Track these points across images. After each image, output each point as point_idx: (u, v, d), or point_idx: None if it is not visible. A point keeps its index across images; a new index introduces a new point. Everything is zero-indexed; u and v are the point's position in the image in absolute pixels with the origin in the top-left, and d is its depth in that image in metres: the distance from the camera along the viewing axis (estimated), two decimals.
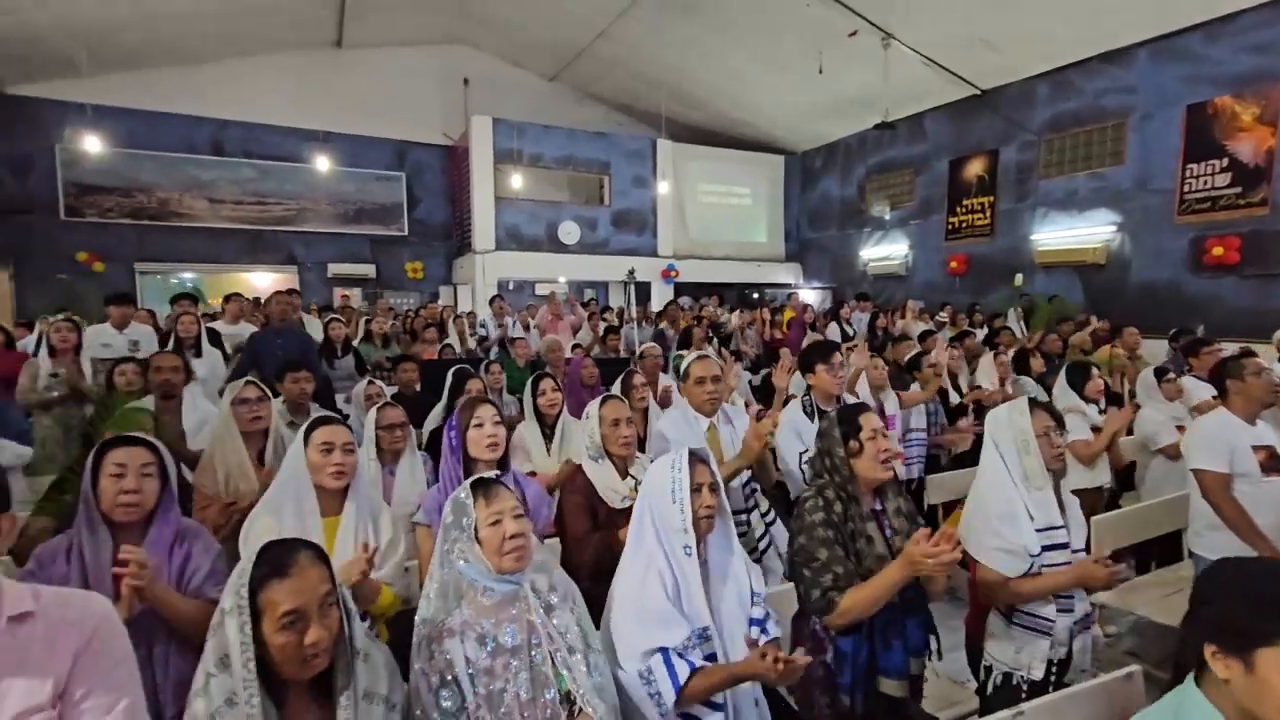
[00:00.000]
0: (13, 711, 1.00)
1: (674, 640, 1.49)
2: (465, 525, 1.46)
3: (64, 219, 10.42)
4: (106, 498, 1.67)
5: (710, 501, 1.60)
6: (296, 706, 1.21)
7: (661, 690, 1.44)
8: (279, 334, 4.90)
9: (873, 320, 7.92)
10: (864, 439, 1.83)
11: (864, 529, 1.80)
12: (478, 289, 11.36)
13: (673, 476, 1.59)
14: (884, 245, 12.25)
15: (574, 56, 12.14)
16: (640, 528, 1.62)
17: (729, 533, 1.69)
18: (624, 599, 1.57)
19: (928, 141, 11.21)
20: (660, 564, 1.56)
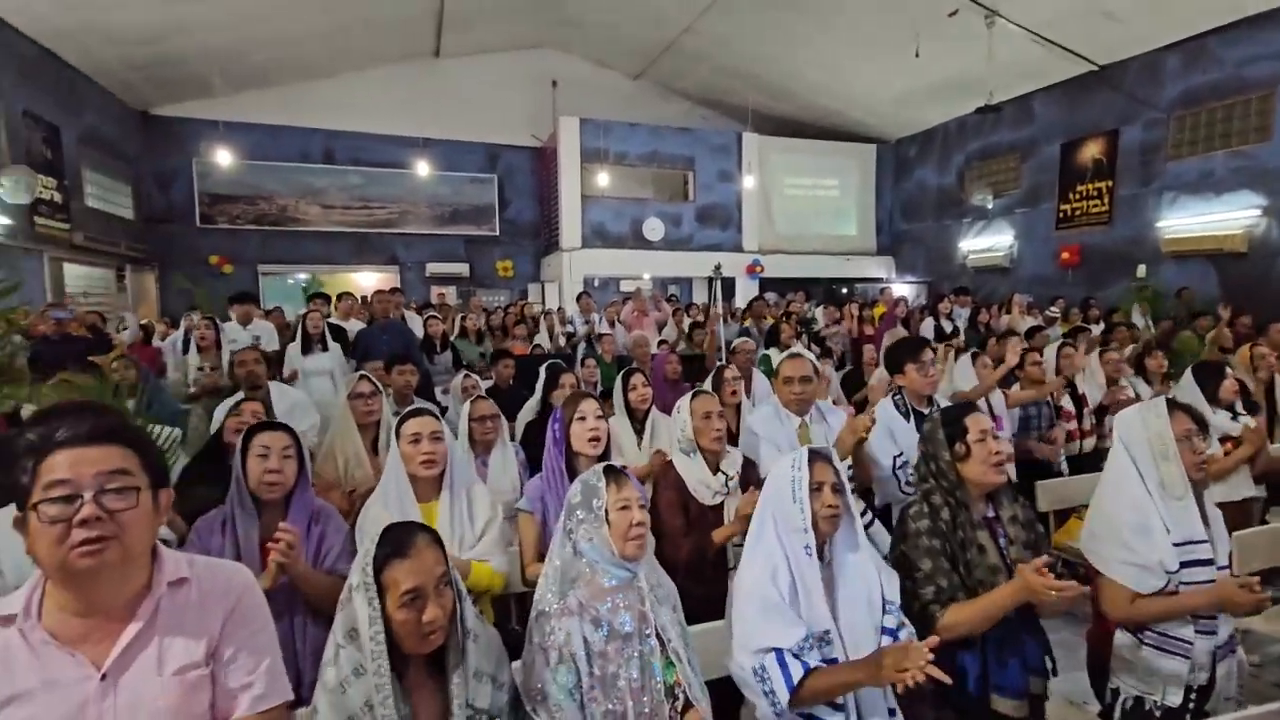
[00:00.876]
0: (175, 665, 1.12)
1: (788, 641, 1.46)
2: (595, 507, 1.50)
3: (199, 226, 11.54)
4: (253, 476, 1.84)
5: (832, 501, 1.55)
6: (415, 679, 1.28)
7: (776, 689, 1.42)
8: (384, 330, 5.23)
9: (974, 316, 7.49)
10: (971, 441, 1.73)
11: (975, 538, 1.70)
12: (564, 286, 11.62)
13: (793, 475, 1.56)
14: (986, 236, 11.55)
15: (659, 53, 12.17)
16: (761, 525, 1.60)
17: (856, 534, 1.62)
18: (744, 594, 1.56)
19: (1036, 124, 10.46)
20: (779, 562, 1.53)
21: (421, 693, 1.28)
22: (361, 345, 5.04)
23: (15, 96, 7.79)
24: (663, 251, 12.35)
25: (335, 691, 1.22)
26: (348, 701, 1.21)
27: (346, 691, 1.22)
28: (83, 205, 9.18)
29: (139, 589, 1.12)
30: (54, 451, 1.06)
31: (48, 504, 1.02)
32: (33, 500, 1.03)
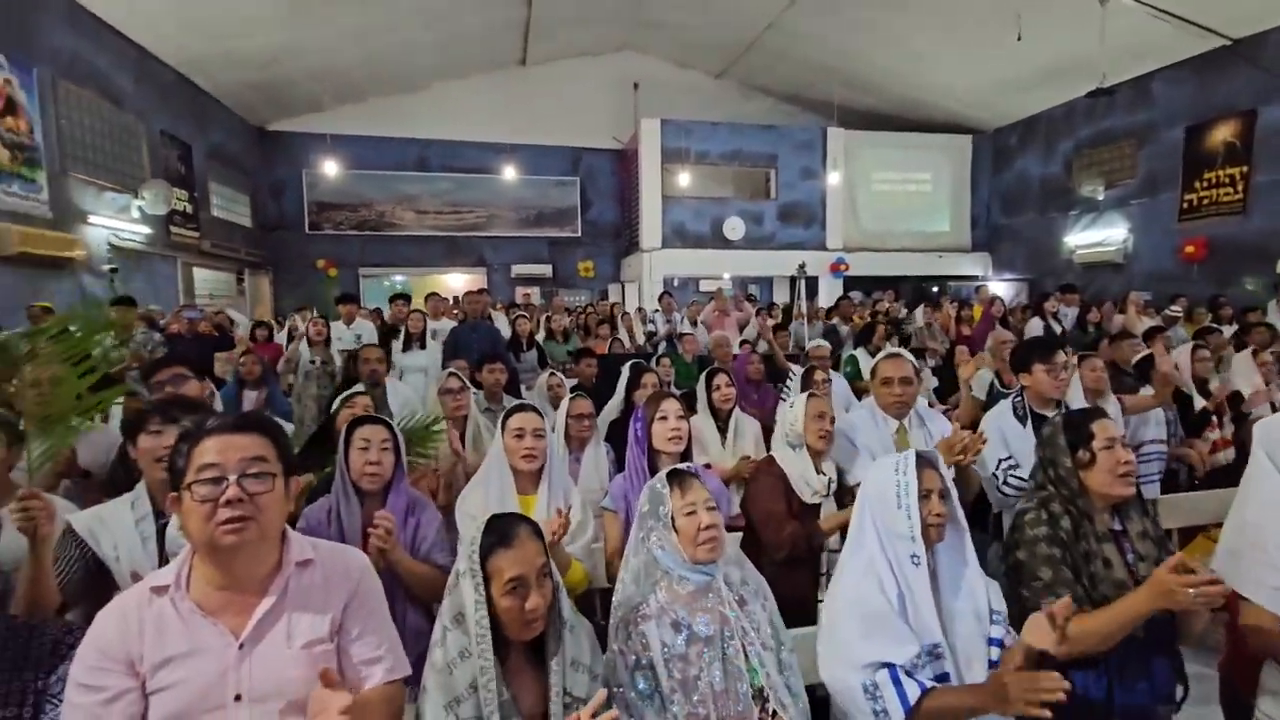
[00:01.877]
0: (302, 640, 1.21)
1: (902, 657, 1.39)
2: (662, 514, 1.50)
3: (308, 233, 12.41)
4: (355, 468, 1.96)
5: (940, 509, 1.48)
6: (515, 665, 1.32)
7: (890, 709, 1.35)
8: (473, 329, 5.44)
9: (1082, 315, 6.97)
10: (1097, 449, 1.61)
11: (1100, 550, 1.58)
12: (644, 286, 11.70)
13: (898, 480, 1.49)
14: (1096, 229, 10.71)
15: (742, 51, 12.04)
16: (860, 531, 1.54)
17: (963, 543, 1.54)
18: (844, 603, 1.51)
19: (1156, 106, 9.60)
20: (882, 571, 1.47)
21: (521, 678, 1.32)
22: (452, 344, 5.26)
23: (156, 118, 8.65)
24: (743, 251, 12.21)
25: (442, 672, 1.27)
26: (454, 682, 1.26)
27: (453, 672, 1.27)
28: (209, 215, 10.08)
29: (271, 567, 1.22)
30: (205, 438, 1.17)
31: (199, 484, 1.13)
32: (186, 481, 1.15)
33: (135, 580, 1.63)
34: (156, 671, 1.12)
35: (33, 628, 1.26)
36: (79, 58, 7.19)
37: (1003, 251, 12.88)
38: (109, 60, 7.73)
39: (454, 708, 1.25)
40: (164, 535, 1.80)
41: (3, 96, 6.03)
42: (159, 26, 8.06)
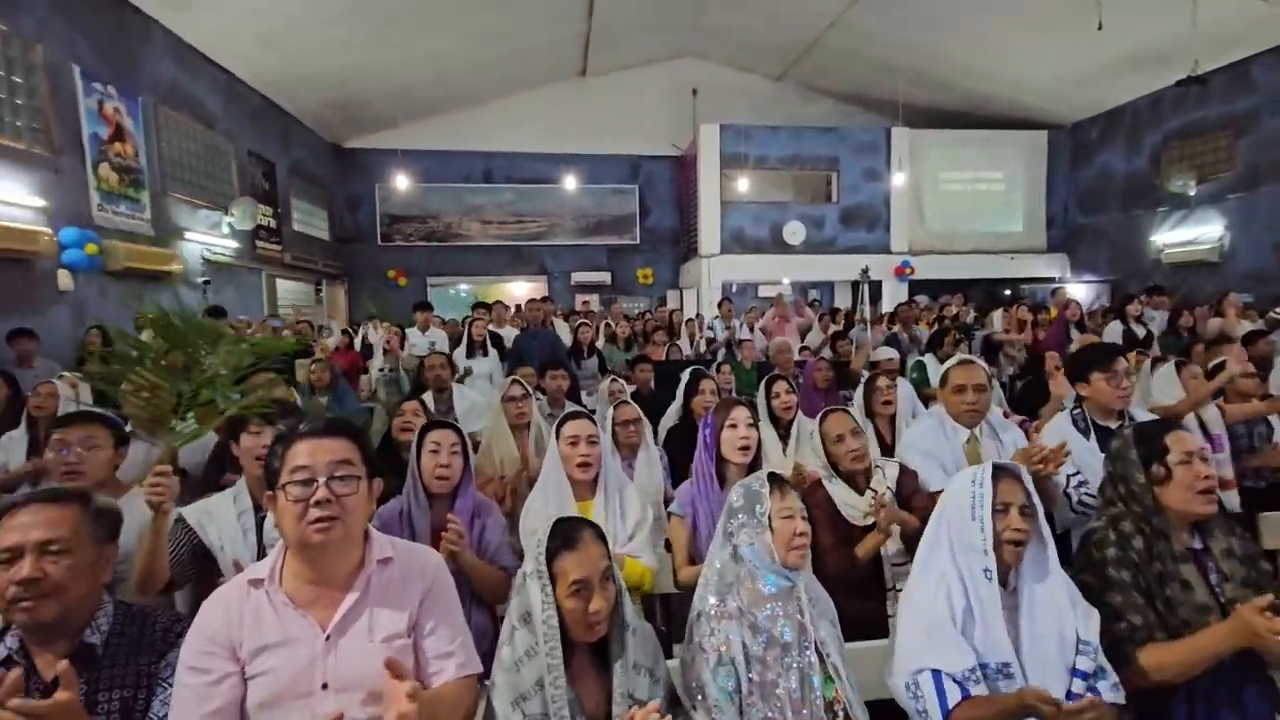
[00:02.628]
0: (383, 634, 1.28)
1: (952, 665, 1.37)
2: (759, 512, 1.51)
3: (380, 244, 12.99)
4: (426, 471, 2.05)
5: (1019, 525, 1.42)
6: (579, 667, 1.36)
7: (928, 709, 1.35)
8: (534, 336, 5.57)
9: (1173, 318, 6.53)
10: (1172, 463, 1.52)
11: (1177, 572, 1.49)
12: (702, 292, 11.68)
13: (973, 491, 1.45)
14: (1187, 227, 10.02)
15: (802, 52, 11.88)
16: (934, 542, 1.52)
17: (1048, 562, 1.47)
18: (911, 611, 1.50)
19: (1257, 93, 8.90)
20: (952, 583, 1.44)
21: (585, 680, 1.36)
22: (515, 351, 5.41)
23: (243, 139, 9.26)
24: (803, 255, 12.01)
25: (510, 669, 1.32)
26: (521, 679, 1.30)
27: (520, 670, 1.31)
28: (291, 229, 10.69)
29: (355, 564, 1.30)
30: (297, 441, 1.26)
31: (292, 485, 1.22)
32: (281, 481, 1.24)
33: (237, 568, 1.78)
34: (254, 658, 1.21)
35: (146, 615, 1.38)
36: (177, 85, 7.79)
37: (1082, 252, 12.21)
38: (202, 86, 8.33)
39: (521, 704, 1.29)
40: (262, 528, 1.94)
41: (113, 124, 6.59)
42: (246, 53, 8.64)
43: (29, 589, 1.21)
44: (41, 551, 1.24)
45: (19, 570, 1.21)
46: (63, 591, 1.25)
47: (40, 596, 1.22)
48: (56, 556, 1.25)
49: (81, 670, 1.26)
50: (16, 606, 1.21)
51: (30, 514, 1.26)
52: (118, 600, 1.38)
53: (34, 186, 5.59)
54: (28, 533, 1.24)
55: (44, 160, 5.75)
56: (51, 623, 1.25)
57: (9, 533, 1.24)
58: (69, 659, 1.25)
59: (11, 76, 5.51)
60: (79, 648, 1.27)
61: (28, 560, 1.22)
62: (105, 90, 6.50)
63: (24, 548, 1.23)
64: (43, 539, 1.25)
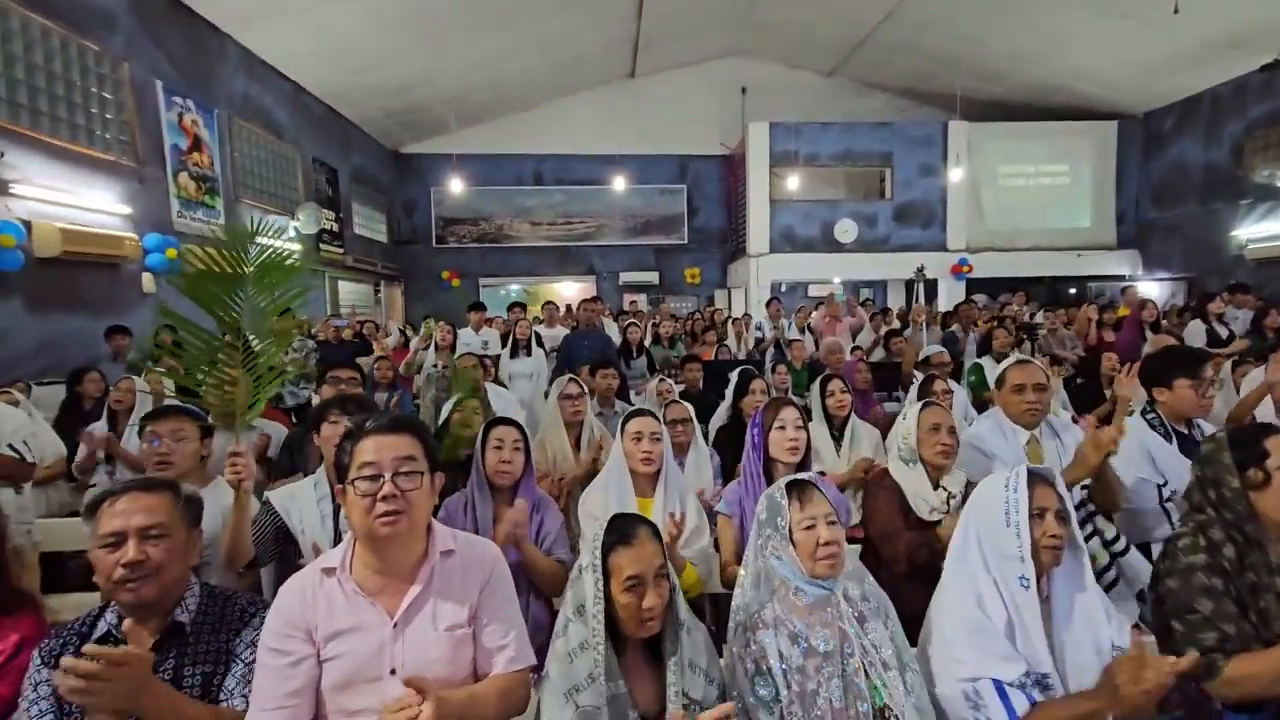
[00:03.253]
0: (446, 623, 1.33)
1: (1008, 676, 1.33)
2: (780, 525, 1.49)
3: (435, 246, 13.36)
4: (489, 465, 2.12)
5: (1056, 530, 1.38)
6: (633, 662, 1.38)
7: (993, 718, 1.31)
8: (585, 336, 5.63)
9: (1258, 318, 6.12)
10: (1272, 468, 1.44)
11: (1272, 584, 1.41)
12: (751, 292, 11.58)
13: (1007, 497, 1.41)
14: (1274, 220, 9.38)
15: (854, 47, 11.65)
16: (963, 548, 1.48)
17: (1082, 569, 1.44)
18: (946, 617, 1.45)
19: None
20: (986, 592, 1.40)
21: (638, 675, 1.37)
22: (565, 350, 5.48)
23: (309, 146, 9.67)
24: (855, 254, 11.77)
25: (563, 660, 1.34)
26: (573, 672, 1.33)
27: (573, 661, 1.33)
28: (352, 233, 11.11)
29: (419, 556, 1.35)
30: (364, 437, 1.32)
31: (360, 480, 1.28)
32: (350, 476, 1.30)
33: (316, 552, 1.88)
34: (328, 642, 1.28)
35: (228, 596, 1.47)
36: (248, 97, 8.19)
37: (1154, 248, 11.58)
38: (271, 97, 8.74)
39: (573, 695, 1.31)
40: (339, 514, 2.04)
41: (191, 135, 6.98)
42: (310, 64, 9.02)
43: (134, 571, 1.31)
44: (143, 536, 1.34)
45: (125, 553, 1.31)
46: (162, 572, 1.34)
47: (143, 577, 1.31)
48: (156, 540, 1.35)
49: (171, 646, 1.35)
50: (122, 587, 1.31)
51: (129, 501, 1.36)
52: (203, 582, 1.47)
53: (121, 195, 5.98)
54: (130, 518, 1.34)
55: (130, 170, 6.14)
56: (152, 602, 1.34)
57: (112, 519, 1.34)
58: (160, 636, 1.35)
59: (102, 93, 5.90)
60: (170, 625, 1.36)
61: (131, 544, 1.32)
62: (184, 103, 6.89)
63: (127, 533, 1.33)
64: (144, 524, 1.34)
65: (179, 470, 2.17)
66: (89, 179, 5.66)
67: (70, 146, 5.50)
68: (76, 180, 5.53)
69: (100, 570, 1.32)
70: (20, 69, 5.11)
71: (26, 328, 5.12)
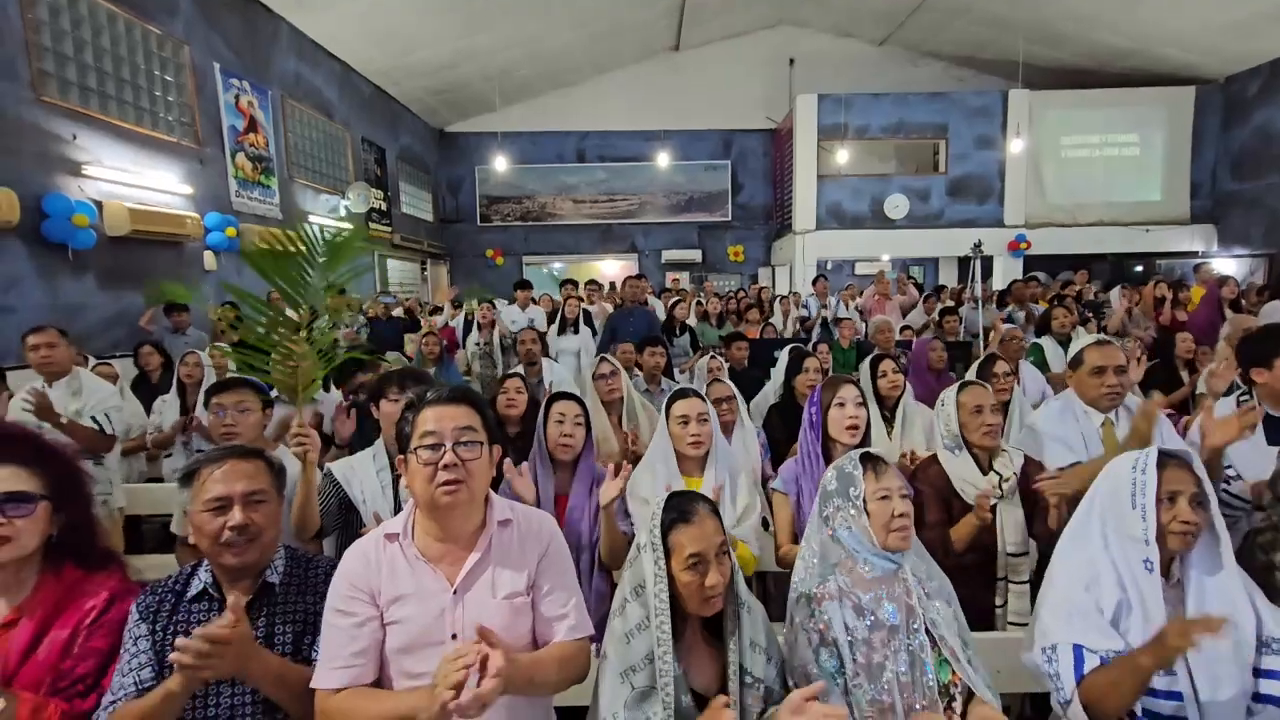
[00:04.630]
0: (504, 591, 1.34)
1: (1095, 644, 1.31)
2: (853, 495, 1.47)
3: (479, 225, 13.49)
4: (551, 439, 2.14)
5: (1190, 516, 1.32)
6: (691, 641, 1.37)
7: (1060, 672, 1.29)
8: (630, 314, 5.61)
9: None
10: None
11: None
12: (796, 269, 11.36)
13: (1133, 478, 1.36)
14: None
15: (909, 13, 11.16)
16: (1084, 524, 1.43)
17: (1220, 555, 1.37)
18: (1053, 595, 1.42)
19: None
20: (1103, 571, 1.36)
21: (697, 654, 1.36)
22: (610, 327, 5.48)
23: (358, 127, 9.83)
24: (906, 230, 11.41)
25: (621, 641, 1.34)
26: (631, 652, 1.32)
27: (630, 642, 1.32)
28: (400, 211, 11.30)
29: (478, 525, 1.37)
30: (426, 408, 1.34)
31: (422, 449, 1.30)
32: (412, 446, 1.32)
33: (377, 521, 1.93)
34: (390, 605, 1.30)
35: (310, 559, 1.52)
36: (300, 78, 8.35)
37: (1233, 222, 10.88)
38: (322, 78, 8.89)
39: (629, 676, 1.30)
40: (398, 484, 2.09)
41: (247, 116, 7.17)
42: (358, 45, 9.13)
43: (241, 534, 1.37)
44: (246, 501, 1.40)
45: (231, 517, 1.38)
46: (264, 535, 1.41)
47: (250, 540, 1.39)
48: (258, 505, 1.42)
49: (263, 605, 1.41)
50: (229, 549, 1.37)
51: (232, 468, 1.42)
52: (286, 545, 1.52)
53: (183, 175, 6.20)
54: (233, 484, 1.40)
55: (191, 152, 6.35)
56: (253, 564, 1.41)
57: (215, 484, 1.40)
58: (253, 595, 1.40)
59: (164, 76, 6.09)
60: (262, 585, 1.43)
61: (237, 509, 1.39)
62: (241, 85, 7.07)
63: (232, 498, 1.39)
64: (247, 490, 1.41)
65: (244, 440, 2.24)
66: (154, 160, 5.88)
67: (136, 129, 5.71)
68: (142, 161, 5.74)
69: (204, 533, 1.37)
70: (89, 54, 5.31)
71: (99, 303, 5.38)
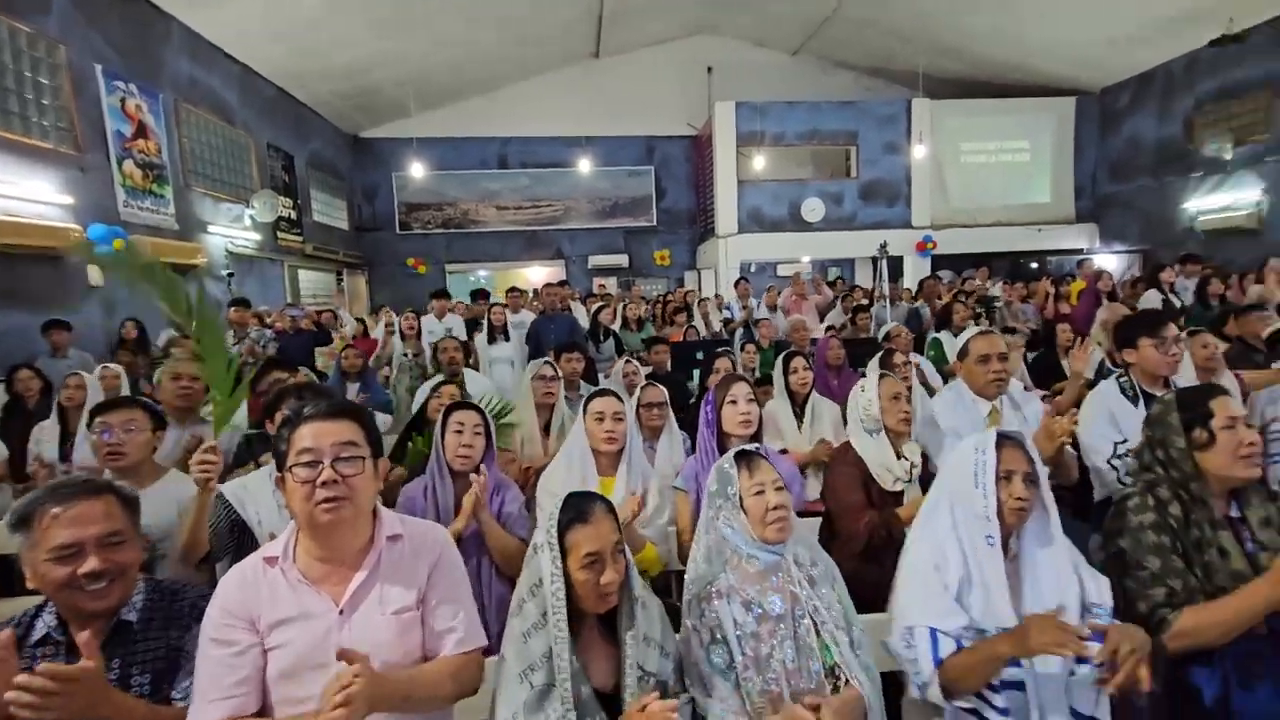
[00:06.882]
0: (393, 606, 1.31)
1: (946, 625, 1.37)
2: (730, 494, 1.51)
3: (398, 232, 13.10)
4: (449, 449, 2.09)
5: (1022, 493, 1.41)
6: (588, 638, 1.37)
7: (919, 657, 1.36)
8: (551, 320, 5.59)
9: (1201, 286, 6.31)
10: (1217, 428, 1.48)
11: (1215, 538, 1.46)
12: (721, 272, 11.60)
13: (976, 459, 1.44)
14: (1223, 193, 9.66)
15: (819, 24, 11.63)
16: (934, 507, 1.51)
17: (1050, 529, 1.46)
18: (907, 574, 1.49)
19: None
20: (949, 551, 1.44)
21: (594, 651, 1.37)
22: (534, 334, 5.44)
23: (262, 132, 9.36)
24: (823, 232, 11.85)
25: (519, 641, 1.33)
26: (529, 650, 1.31)
27: (528, 641, 1.32)
28: (311, 220, 10.83)
29: (365, 541, 1.32)
30: (302, 424, 1.28)
31: (299, 467, 1.24)
32: (288, 464, 1.26)
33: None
34: (272, 631, 1.24)
35: (175, 591, 1.42)
36: (196, 81, 7.88)
37: (1111, 221, 11.86)
38: (220, 81, 8.42)
39: (528, 675, 1.30)
40: None
41: (136, 121, 6.70)
42: (260, 46, 8.70)
43: (96, 581, 1.27)
44: (101, 544, 1.29)
45: (88, 564, 1.27)
46: (127, 574, 1.32)
47: (111, 582, 1.29)
48: (117, 547, 1.31)
49: (119, 645, 1.31)
50: (83, 594, 1.27)
51: (80, 511, 1.29)
52: (146, 577, 1.42)
53: (61, 184, 5.72)
54: (85, 529, 1.28)
55: (70, 159, 5.87)
56: (115, 606, 1.31)
57: (61, 530, 1.27)
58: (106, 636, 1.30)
59: (37, 77, 5.62)
60: (116, 625, 1.32)
61: (93, 555, 1.28)
62: (127, 88, 6.61)
63: (84, 544, 1.28)
64: (103, 533, 1.30)
65: (131, 461, 2.12)
66: (25, 168, 5.41)
67: (3, 134, 5.24)
68: (11, 169, 5.27)
69: (50, 580, 1.26)
70: None
71: None
